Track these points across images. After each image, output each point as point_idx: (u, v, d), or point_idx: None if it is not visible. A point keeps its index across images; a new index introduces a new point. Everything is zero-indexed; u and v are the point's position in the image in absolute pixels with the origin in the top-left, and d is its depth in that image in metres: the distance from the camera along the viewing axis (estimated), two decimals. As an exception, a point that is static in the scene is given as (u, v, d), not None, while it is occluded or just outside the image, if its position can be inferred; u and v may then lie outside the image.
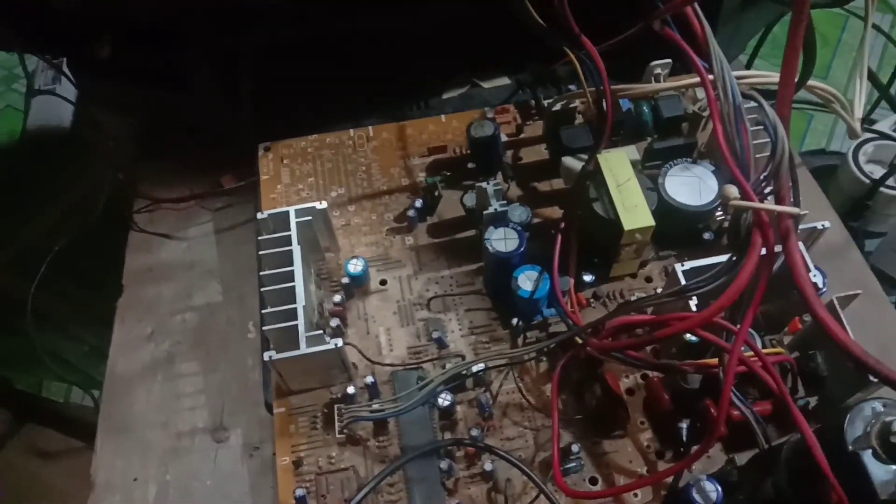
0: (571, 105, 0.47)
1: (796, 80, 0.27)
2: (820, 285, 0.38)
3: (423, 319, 0.43)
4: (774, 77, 0.41)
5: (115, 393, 0.46)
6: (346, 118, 0.51)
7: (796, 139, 0.69)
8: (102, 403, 0.46)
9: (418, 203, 0.46)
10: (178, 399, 0.45)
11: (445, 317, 0.43)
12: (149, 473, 0.43)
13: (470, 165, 0.47)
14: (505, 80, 0.54)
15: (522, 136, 0.50)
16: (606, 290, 0.43)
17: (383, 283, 0.44)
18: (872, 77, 0.66)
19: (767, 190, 0.28)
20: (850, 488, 0.30)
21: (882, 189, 0.51)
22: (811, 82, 0.41)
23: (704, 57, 0.30)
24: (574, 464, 0.37)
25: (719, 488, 0.34)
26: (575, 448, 0.37)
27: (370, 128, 0.50)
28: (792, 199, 0.28)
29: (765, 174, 0.27)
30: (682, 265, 0.37)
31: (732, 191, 0.28)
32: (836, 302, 0.36)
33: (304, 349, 0.37)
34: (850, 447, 0.30)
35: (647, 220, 0.39)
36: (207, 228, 0.51)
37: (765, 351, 0.35)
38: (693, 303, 0.35)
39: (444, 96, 0.53)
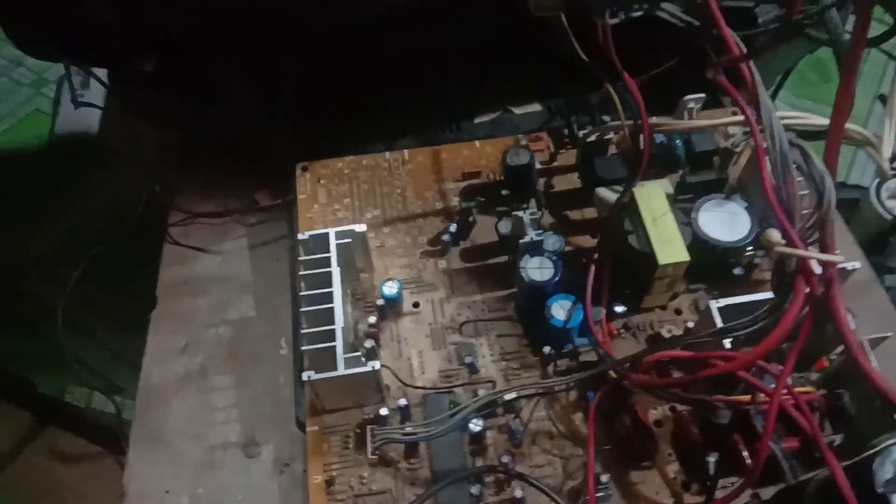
0: (606, 136, 0.48)
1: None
2: (852, 326, 0.38)
3: (455, 343, 0.43)
4: (811, 119, 0.42)
5: (148, 403, 0.46)
6: (378, 139, 0.52)
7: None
8: (136, 414, 0.47)
9: (452, 228, 0.46)
10: (211, 412, 0.46)
11: (477, 341, 0.43)
12: (181, 485, 0.43)
13: (504, 192, 0.48)
14: (536, 107, 0.55)
15: (555, 163, 0.51)
16: (637, 322, 0.44)
17: (416, 305, 0.45)
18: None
19: (811, 238, 0.28)
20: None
21: (903, 224, 0.52)
22: (849, 126, 0.42)
23: (752, 104, 0.31)
24: (602, 493, 0.38)
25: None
26: (604, 478, 0.37)
27: (406, 151, 0.51)
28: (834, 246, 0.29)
29: (810, 222, 0.28)
30: (718, 303, 0.37)
31: (776, 235, 0.29)
32: (866, 344, 0.37)
33: (341, 371, 0.37)
34: (880, 490, 0.30)
35: (683, 256, 0.40)
36: (242, 243, 0.52)
37: (795, 390, 0.36)
38: (727, 341, 0.36)
39: (476, 121, 0.54)
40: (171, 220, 0.53)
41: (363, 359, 0.38)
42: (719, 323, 0.36)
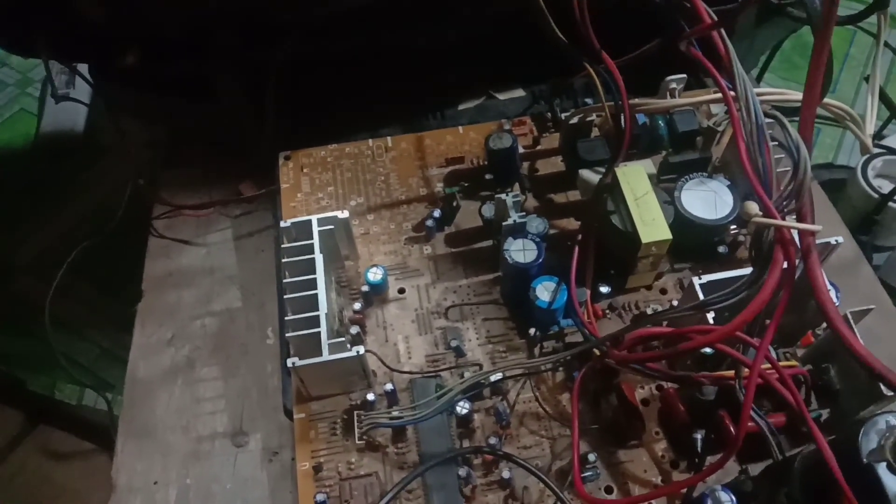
0: (588, 118, 0.48)
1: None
2: (834, 300, 0.38)
3: (441, 328, 0.43)
4: (790, 94, 0.42)
5: (135, 397, 0.46)
6: (363, 128, 0.52)
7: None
8: (123, 407, 0.46)
9: (436, 213, 0.46)
10: (199, 403, 0.46)
11: (463, 326, 0.43)
12: (169, 477, 0.43)
13: (487, 177, 0.48)
14: (520, 92, 0.55)
15: (539, 147, 0.51)
16: (622, 302, 0.44)
17: (401, 291, 0.45)
18: (883, 95, 0.67)
19: (789, 208, 0.28)
20: (864, 500, 0.30)
21: (890, 204, 0.52)
22: (826, 100, 0.42)
23: (727, 76, 0.31)
24: (590, 472, 0.38)
25: (734, 498, 0.35)
26: (591, 457, 0.38)
27: (389, 138, 0.51)
28: (812, 217, 0.29)
29: (787, 192, 0.28)
30: (700, 279, 0.37)
31: (753, 207, 0.29)
32: (850, 316, 0.37)
33: (326, 356, 0.37)
34: (865, 459, 0.30)
35: (665, 234, 0.40)
36: (227, 235, 0.52)
37: (780, 364, 0.36)
38: (710, 316, 0.36)
39: (460, 107, 0.54)
40: (155, 213, 0.53)
41: (348, 345, 0.38)
42: (701, 298, 0.36)
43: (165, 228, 0.52)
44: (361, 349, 0.38)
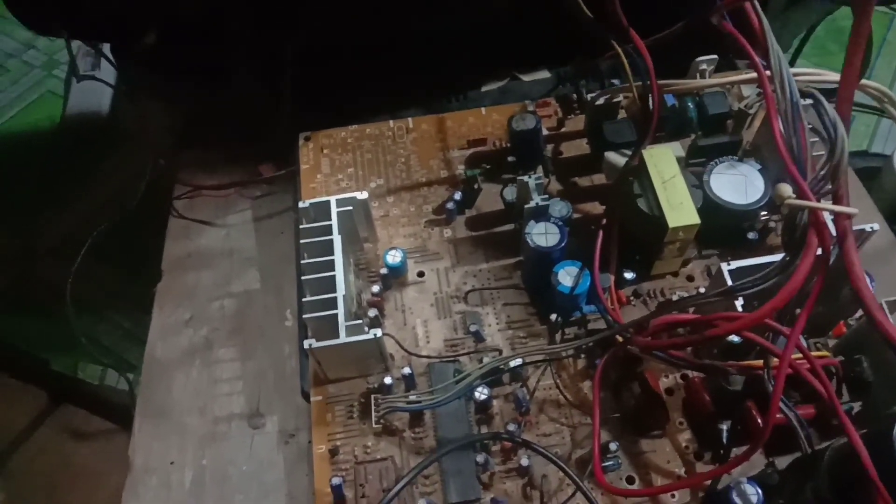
0: (615, 100, 0.46)
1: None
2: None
3: (461, 312, 0.42)
4: (827, 75, 0.40)
5: (153, 377, 0.46)
6: (384, 111, 0.51)
7: None
8: (141, 387, 0.47)
9: (457, 196, 0.45)
10: (216, 385, 0.46)
11: (483, 310, 0.42)
12: (186, 458, 0.43)
13: (510, 159, 0.47)
14: (545, 74, 0.54)
15: (563, 129, 0.49)
16: (647, 289, 0.43)
17: (421, 274, 0.44)
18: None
19: (824, 190, 0.27)
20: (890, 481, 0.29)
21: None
22: (863, 81, 0.40)
23: (760, 52, 0.29)
24: (611, 462, 0.37)
25: (759, 491, 0.34)
26: (613, 446, 0.37)
27: (410, 119, 0.50)
28: (848, 200, 0.27)
29: (822, 173, 0.27)
30: (728, 265, 0.36)
31: (787, 189, 0.28)
32: (885, 305, 0.35)
33: (343, 338, 0.37)
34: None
35: (693, 219, 0.38)
36: (246, 216, 0.52)
37: (811, 354, 0.35)
38: (739, 304, 0.34)
39: (483, 89, 0.53)
40: (175, 193, 0.53)
41: (365, 327, 0.37)
42: (729, 284, 0.35)
43: (185, 209, 0.52)
44: (379, 332, 0.37)
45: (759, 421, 0.36)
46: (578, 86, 0.50)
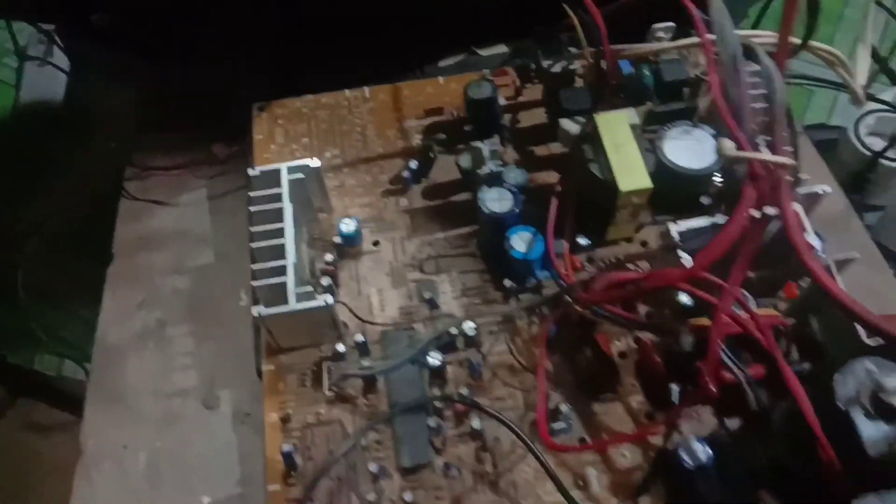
0: (571, 67, 0.46)
1: (796, 31, 0.26)
2: (818, 248, 0.37)
3: (416, 281, 0.42)
4: (772, 36, 0.40)
5: (105, 362, 0.46)
6: (340, 85, 0.50)
7: (797, 115, 0.68)
8: (92, 372, 0.46)
9: (413, 164, 0.45)
10: (170, 367, 0.45)
11: (438, 279, 0.42)
12: (139, 441, 0.43)
13: (467, 128, 0.46)
14: (503, 49, 0.53)
15: (521, 99, 0.49)
16: (602, 255, 0.42)
17: (376, 244, 0.44)
18: (873, 52, 0.66)
19: (765, 142, 0.27)
20: (841, 447, 0.30)
21: (882, 161, 0.51)
22: (815, 44, 0.40)
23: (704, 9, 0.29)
24: (563, 425, 0.37)
25: (709, 449, 0.34)
26: (564, 408, 0.37)
27: (366, 89, 0.50)
28: (791, 153, 0.27)
29: (761, 126, 0.27)
30: (678, 224, 0.36)
31: (728, 144, 0.28)
32: (833, 265, 0.36)
33: (293, 305, 0.36)
34: (841, 406, 0.29)
35: (645, 183, 0.38)
36: (200, 196, 0.51)
37: (757, 311, 0.35)
38: (685, 257, 0.34)
39: (441, 64, 0.53)
40: (126, 175, 0.52)
41: (316, 294, 0.37)
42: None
43: (137, 191, 0.51)
44: (330, 298, 0.37)
45: (710, 381, 0.36)
46: (537, 55, 0.50)
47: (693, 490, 0.34)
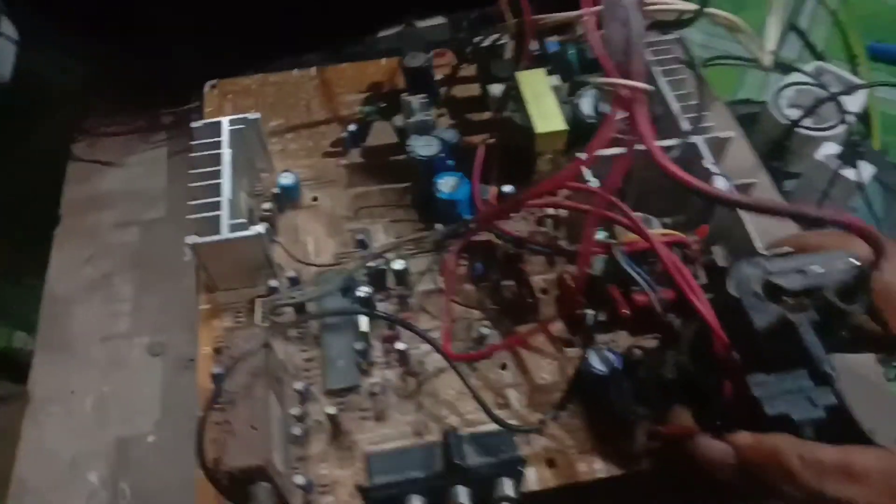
0: (501, 41, 0.50)
1: None
2: (724, 186, 0.40)
3: (351, 230, 0.44)
4: (678, 5, 0.44)
5: (52, 313, 0.47)
6: (282, 54, 0.53)
7: (730, 92, 0.72)
8: (40, 324, 0.47)
9: (352, 127, 0.48)
10: (116, 317, 0.47)
11: (373, 227, 0.44)
12: (87, 386, 0.44)
13: (404, 96, 0.49)
14: (440, 20, 0.57)
15: (458, 75, 0.52)
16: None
17: (315, 199, 0.46)
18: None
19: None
20: (737, 338, 0.31)
21: (798, 130, 0.54)
22: (714, 10, 0.44)
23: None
24: (483, 348, 0.39)
25: (619, 358, 0.36)
26: (485, 331, 0.38)
27: (313, 69, 0.53)
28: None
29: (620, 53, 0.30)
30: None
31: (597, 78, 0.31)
32: (734, 188, 0.38)
33: (225, 234, 0.38)
34: (733, 292, 0.31)
35: (560, 125, 0.41)
36: (147, 158, 0.53)
37: (658, 231, 0.37)
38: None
39: (380, 34, 0.56)
40: (76, 139, 0.54)
41: (249, 224, 0.39)
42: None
43: (85, 155, 0.53)
44: (261, 228, 0.38)
45: (622, 302, 0.38)
46: (471, 37, 0.53)
47: (604, 395, 0.35)
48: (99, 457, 0.41)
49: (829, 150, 0.54)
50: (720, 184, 0.41)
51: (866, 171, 0.54)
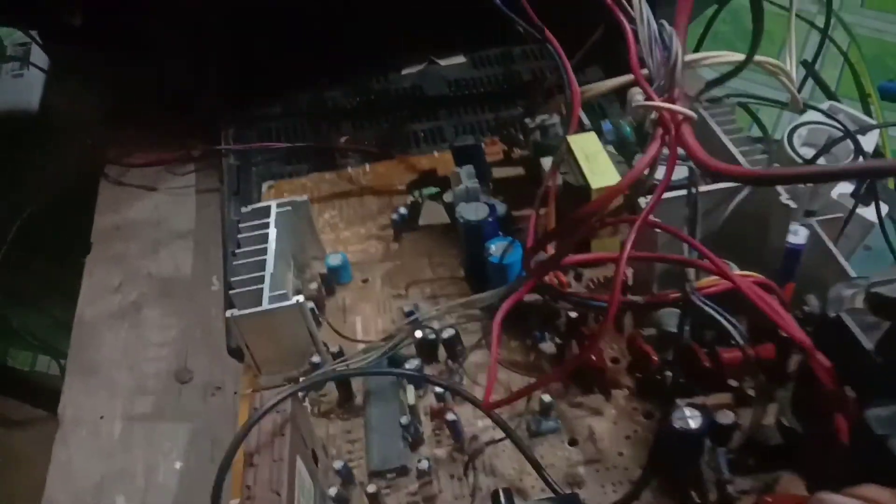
0: (550, 122, 0.49)
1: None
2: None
3: (400, 307, 0.42)
4: (727, 56, 0.42)
5: (83, 338, 0.48)
6: (306, 88, 0.54)
7: (743, 130, 0.71)
8: (70, 348, 0.47)
9: (402, 209, 0.47)
10: (144, 344, 0.47)
11: (423, 303, 0.42)
12: (115, 411, 0.44)
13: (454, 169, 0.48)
14: (461, 59, 0.57)
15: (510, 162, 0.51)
16: (590, 275, 0.42)
17: (365, 281, 0.44)
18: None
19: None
20: (847, 369, 0.26)
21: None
22: (760, 57, 0.42)
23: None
24: (552, 423, 0.34)
25: (707, 420, 0.30)
26: (546, 399, 0.34)
27: (367, 165, 0.53)
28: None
29: (663, 82, 0.29)
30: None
31: (636, 93, 0.29)
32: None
33: (265, 306, 0.36)
34: (832, 314, 0.27)
35: (615, 179, 0.39)
36: (175, 189, 0.55)
37: (740, 273, 0.33)
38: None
39: (403, 72, 0.57)
40: (105, 171, 0.56)
41: (289, 294, 0.37)
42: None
43: (114, 184, 0.55)
44: (301, 298, 0.36)
45: (704, 359, 0.33)
46: (522, 123, 0.53)
47: (694, 461, 0.30)
48: (126, 480, 0.40)
49: (843, 188, 0.51)
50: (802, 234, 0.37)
51: (882, 209, 0.49)
